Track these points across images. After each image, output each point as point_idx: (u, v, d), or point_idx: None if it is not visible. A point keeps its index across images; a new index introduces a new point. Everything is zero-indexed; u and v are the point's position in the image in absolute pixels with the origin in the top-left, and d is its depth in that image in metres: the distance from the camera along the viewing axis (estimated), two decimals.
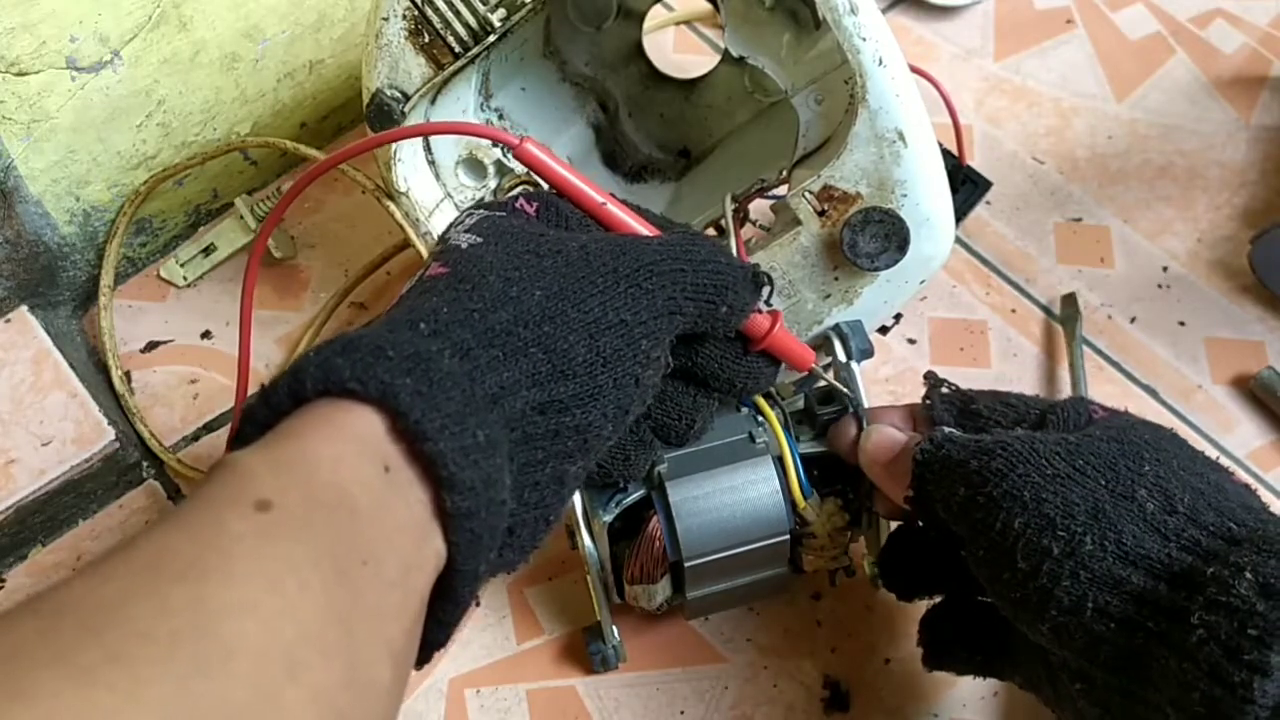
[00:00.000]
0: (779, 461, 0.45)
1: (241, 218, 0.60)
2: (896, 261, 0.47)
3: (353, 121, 0.68)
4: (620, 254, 0.36)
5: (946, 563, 0.42)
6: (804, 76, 0.50)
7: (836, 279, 0.48)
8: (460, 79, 0.51)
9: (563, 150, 0.58)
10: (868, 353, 0.48)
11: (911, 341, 0.60)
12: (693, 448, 0.45)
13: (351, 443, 0.29)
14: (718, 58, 0.61)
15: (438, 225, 0.52)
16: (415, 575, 0.29)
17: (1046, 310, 0.61)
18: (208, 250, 0.61)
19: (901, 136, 0.45)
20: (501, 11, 0.46)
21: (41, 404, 0.56)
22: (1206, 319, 0.61)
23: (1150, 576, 0.34)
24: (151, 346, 0.60)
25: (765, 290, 0.41)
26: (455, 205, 0.54)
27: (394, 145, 0.50)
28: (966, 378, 0.59)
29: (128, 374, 0.59)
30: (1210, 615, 0.31)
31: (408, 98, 0.48)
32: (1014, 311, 0.61)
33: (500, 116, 0.55)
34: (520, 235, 0.37)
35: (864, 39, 0.44)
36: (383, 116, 0.48)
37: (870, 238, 0.46)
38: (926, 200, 0.46)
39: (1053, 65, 0.70)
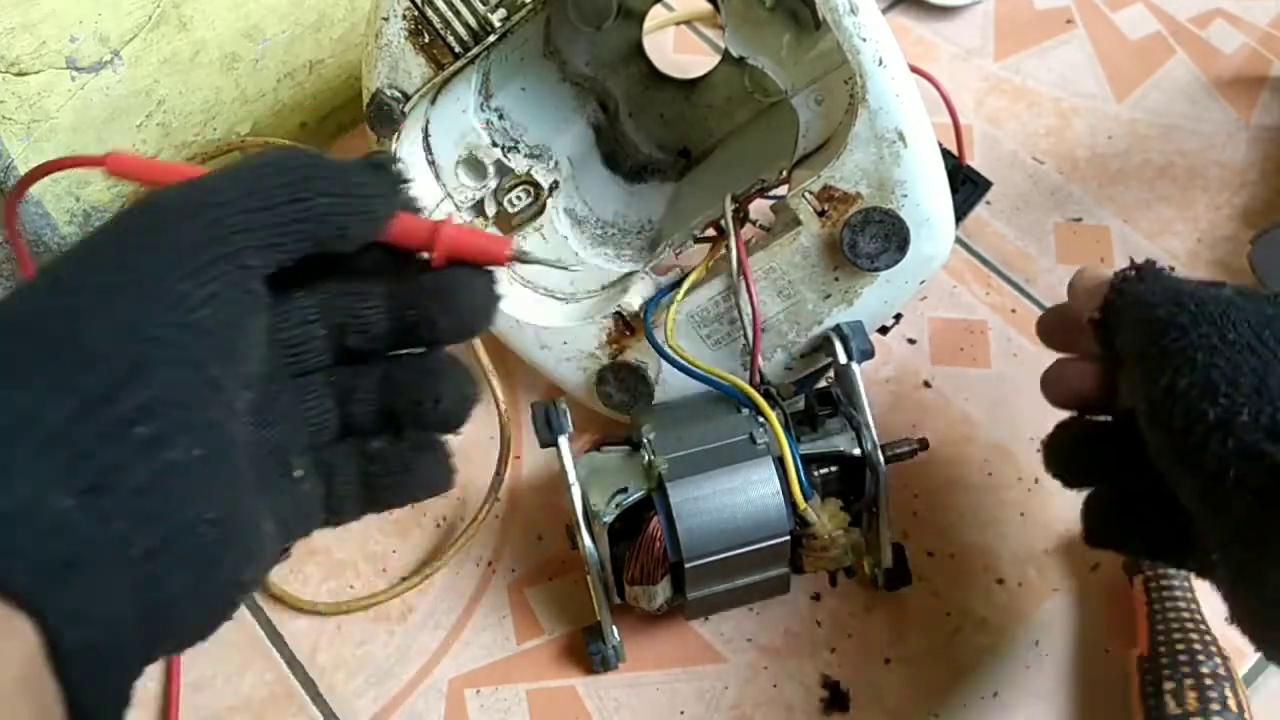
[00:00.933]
0: (779, 462, 0.45)
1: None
2: (897, 262, 0.47)
3: (353, 121, 0.68)
4: (149, 201, 0.30)
5: (1115, 452, 0.41)
6: (804, 77, 0.50)
7: (837, 279, 0.48)
8: (460, 79, 0.51)
9: (563, 150, 0.58)
10: (868, 354, 0.48)
11: (911, 341, 0.60)
12: (693, 448, 0.45)
13: None
14: (718, 58, 0.61)
15: None
16: None
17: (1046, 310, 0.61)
18: None
19: (901, 136, 0.45)
20: (501, 11, 0.46)
21: None
22: None
23: None
24: None
25: (393, 174, 0.32)
26: (455, 205, 0.54)
27: (394, 145, 0.50)
28: (966, 378, 0.59)
29: None
30: None
31: (408, 98, 0.48)
32: (1014, 311, 0.61)
33: (500, 116, 0.55)
34: None
35: (864, 39, 0.44)
36: (383, 117, 0.48)
37: (870, 238, 0.46)
38: (927, 200, 0.46)
39: (1053, 65, 0.70)
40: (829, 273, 0.48)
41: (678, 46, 0.72)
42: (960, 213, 0.59)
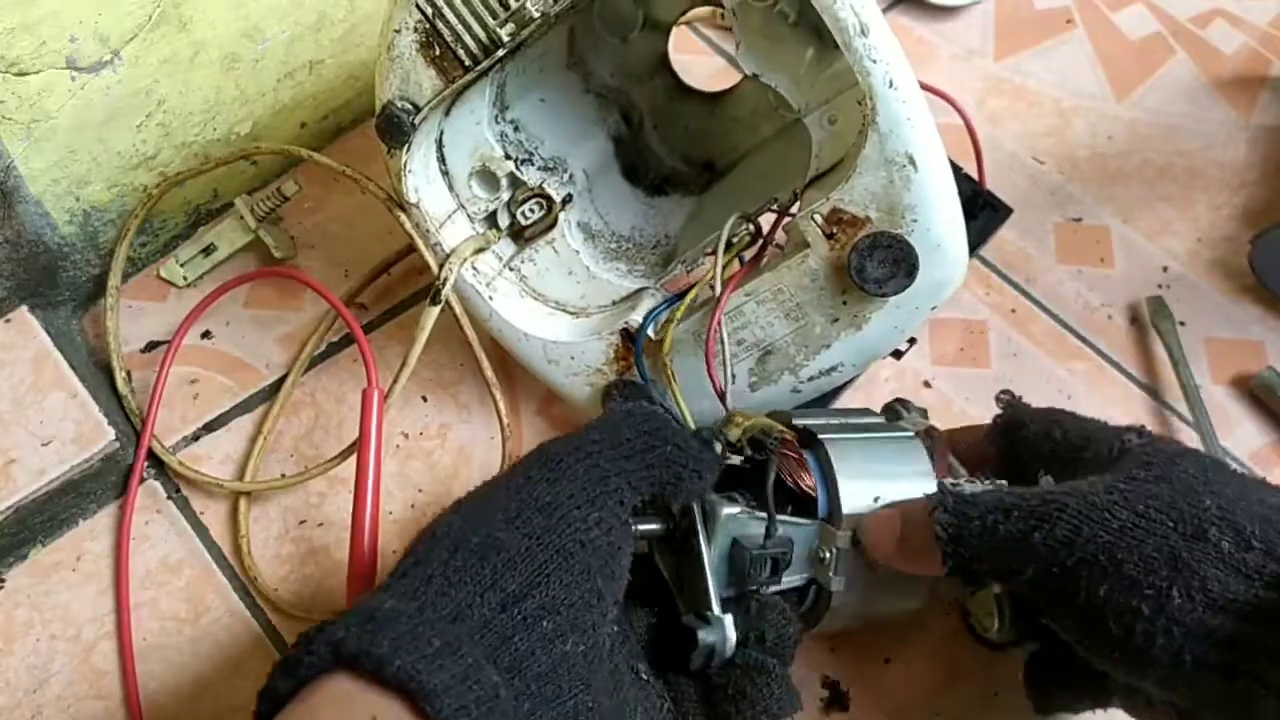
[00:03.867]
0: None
1: (242, 218, 0.60)
2: (905, 288, 0.46)
3: (353, 122, 0.68)
4: (543, 450, 0.39)
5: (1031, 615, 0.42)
6: (817, 96, 0.50)
7: (845, 303, 0.48)
8: (474, 91, 0.51)
9: (580, 163, 0.57)
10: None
11: (911, 341, 0.60)
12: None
13: (330, 706, 0.31)
14: (715, 56, 0.61)
15: (448, 236, 0.52)
16: None
17: (1047, 310, 0.61)
18: (208, 250, 0.61)
19: (912, 160, 0.44)
20: (510, 26, 0.46)
21: (41, 404, 0.56)
22: (1206, 319, 0.61)
23: (1240, 619, 0.34)
24: (151, 346, 0.60)
25: (715, 453, 0.42)
26: (468, 216, 0.53)
27: (404, 156, 0.50)
28: (966, 378, 0.59)
29: (128, 374, 0.59)
30: None
31: (418, 109, 0.48)
32: (1014, 311, 0.61)
33: (516, 128, 0.55)
34: None
35: (874, 60, 0.43)
36: (394, 128, 0.48)
37: (878, 263, 0.45)
38: (937, 226, 0.46)
39: (1053, 65, 0.70)
40: (837, 296, 0.47)
41: (677, 47, 0.72)
42: (977, 240, 0.57)
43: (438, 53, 0.47)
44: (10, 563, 0.54)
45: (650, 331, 0.51)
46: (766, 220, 0.51)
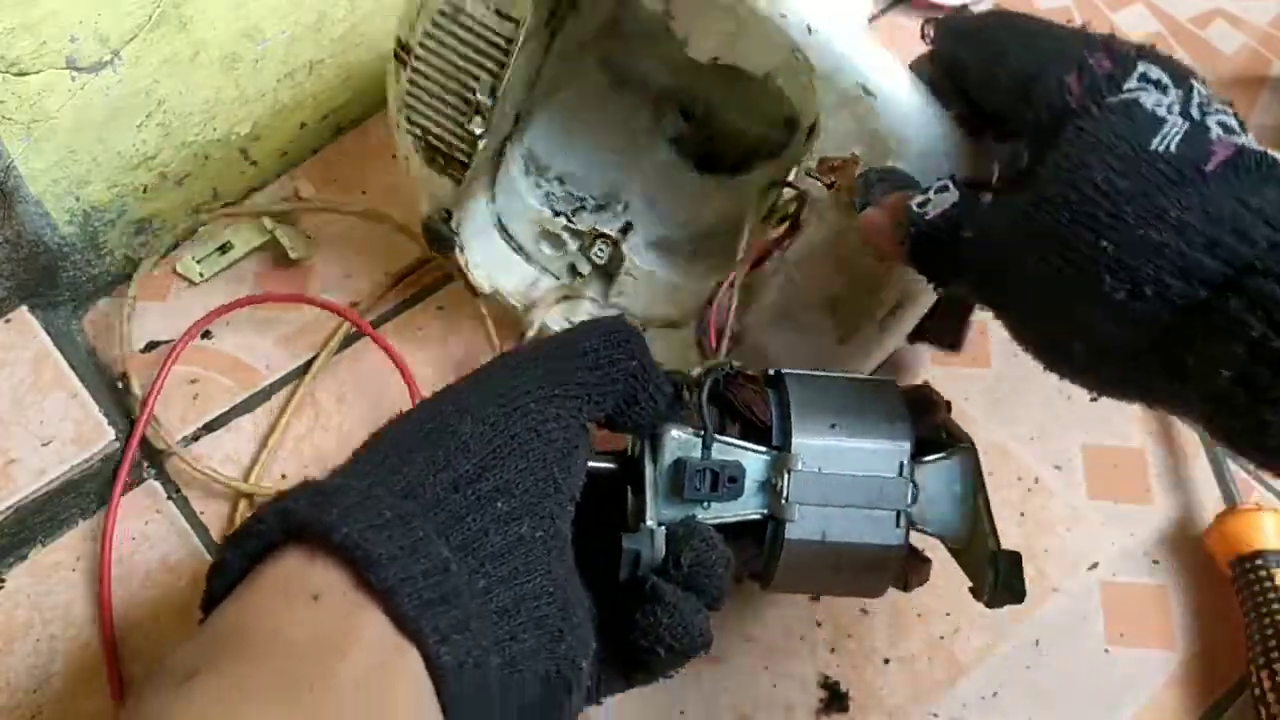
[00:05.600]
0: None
1: (258, 217, 0.60)
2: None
3: (353, 121, 0.68)
4: (504, 353, 0.39)
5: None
6: (767, 61, 0.49)
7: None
8: (505, 168, 0.54)
9: (635, 186, 0.57)
10: (1020, 595, 0.40)
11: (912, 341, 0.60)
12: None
13: (273, 585, 0.30)
14: None
15: (539, 303, 0.55)
16: (380, 679, 0.29)
17: None
18: (224, 248, 0.61)
19: (866, 90, 0.43)
20: (478, 119, 0.48)
21: (41, 404, 0.56)
22: None
23: (1137, 357, 0.33)
24: (151, 346, 0.60)
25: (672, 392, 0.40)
26: (553, 275, 0.56)
27: (461, 257, 0.53)
28: (966, 378, 0.59)
29: (127, 374, 0.59)
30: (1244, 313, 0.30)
31: (450, 214, 0.53)
32: None
33: (561, 182, 0.56)
34: None
35: (784, 15, 0.42)
36: (438, 240, 0.53)
37: (882, 195, 0.43)
38: (919, 139, 0.43)
39: None
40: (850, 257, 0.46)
41: None
42: None
43: (442, 162, 0.51)
44: (10, 563, 0.54)
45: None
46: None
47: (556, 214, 0.56)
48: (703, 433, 0.40)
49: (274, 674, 0.28)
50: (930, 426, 0.43)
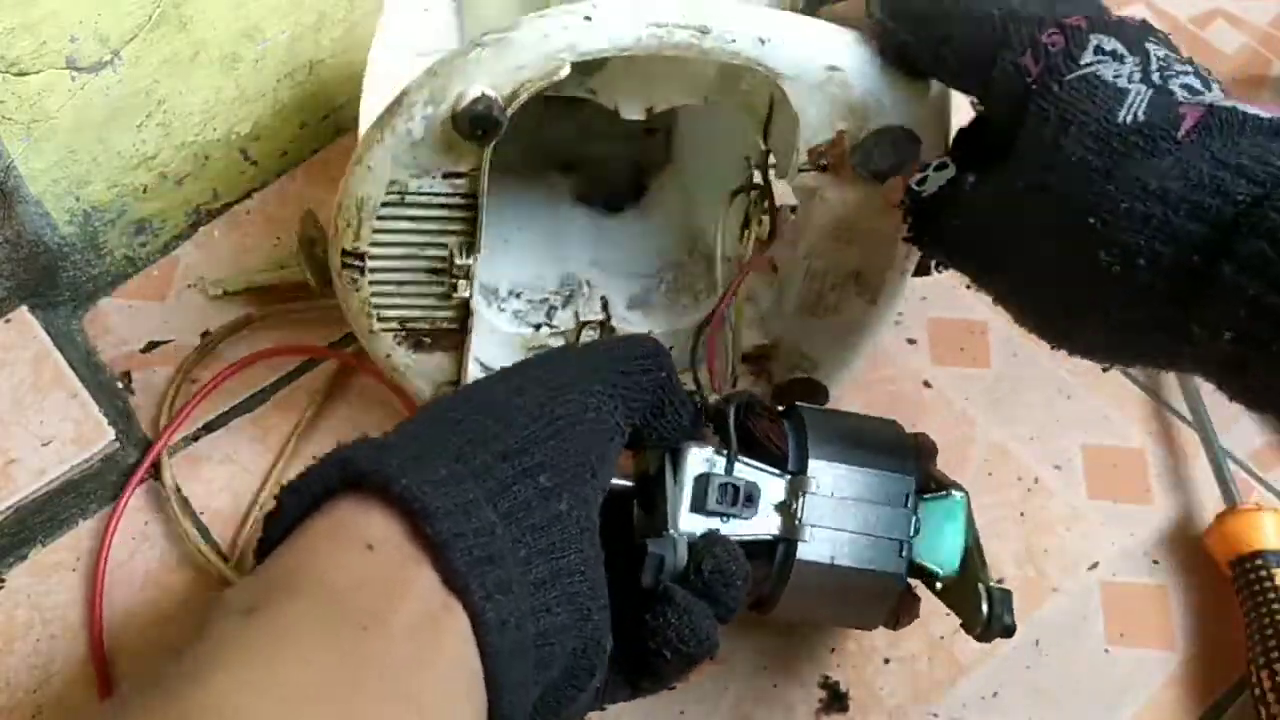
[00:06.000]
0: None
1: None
2: (916, 155, 0.43)
3: (353, 121, 0.68)
4: (547, 350, 0.41)
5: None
6: (716, 92, 0.48)
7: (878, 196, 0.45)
8: (479, 318, 0.51)
9: (579, 261, 0.57)
10: (1009, 630, 0.42)
11: (911, 342, 0.60)
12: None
13: (330, 531, 0.31)
14: None
15: None
16: (429, 630, 0.30)
17: None
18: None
19: (834, 68, 0.42)
20: (463, 283, 0.46)
21: (41, 404, 0.56)
22: None
23: (1139, 333, 0.33)
24: (151, 346, 0.60)
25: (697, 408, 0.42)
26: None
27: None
28: (966, 378, 0.59)
29: (128, 374, 0.59)
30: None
31: (457, 383, 0.51)
32: None
33: (519, 295, 0.56)
34: None
35: (733, 40, 0.41)
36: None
37: (881, 157, 0.44)
38: (904, 102, 0.42)
39: None
40: (870, 201, 0.45)
41: None
42: None
43: (430, 342, 0.49)
44: (10, 563, 0.54)
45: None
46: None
47: (536, 327, 0.54)
48: (725, 451, 0.42)
49: (327, 614, 0.29)
50: (925, 471, 0.45)
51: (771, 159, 0.46)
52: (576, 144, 0.60)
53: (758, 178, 0.46)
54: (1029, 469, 0.56)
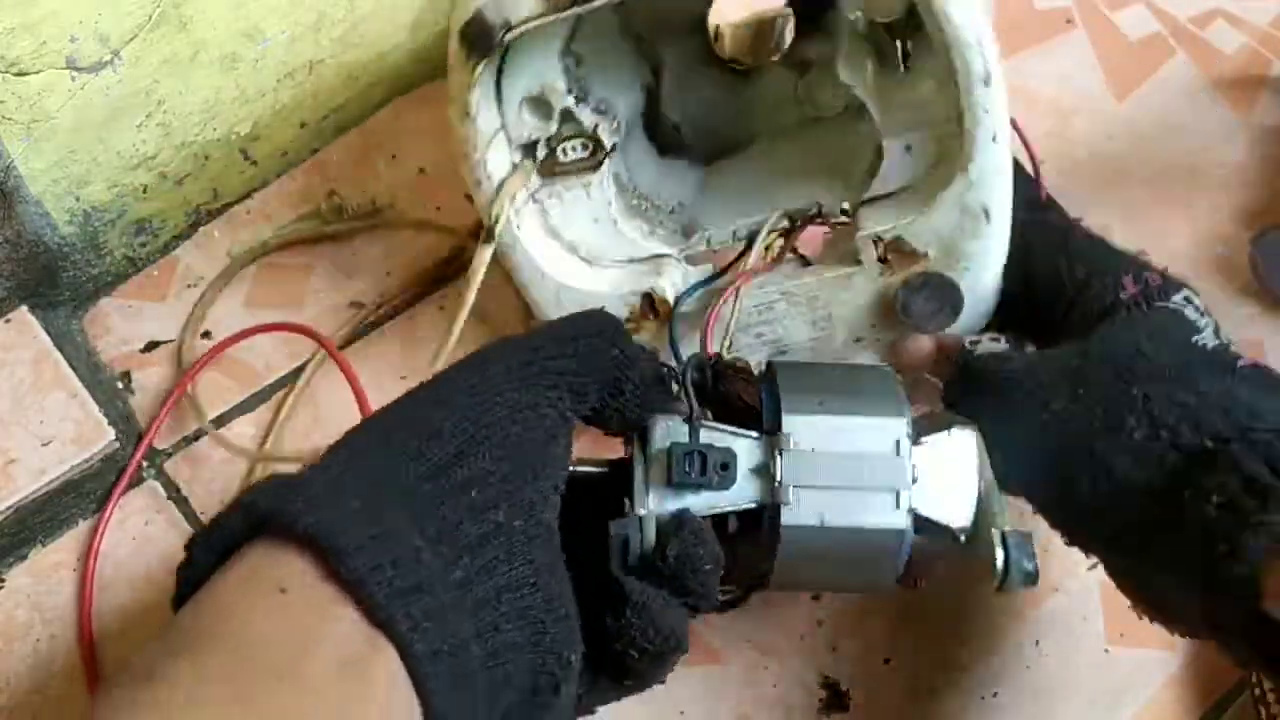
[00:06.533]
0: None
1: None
2: (946, 326, 0.47)
3: (353, 121, 0.68)
4: (478, 349, 0.38)
5: None
6: (901, 121, 0.49)
7: (873, 327, 0.48)
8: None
9: (623, 112, 0.55)
10: (1032, 577, 0.37)
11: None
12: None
13: (239, 580, 0.29)
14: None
15: (492, 160, 0.50)
16: (355, 674, 0.28)
17: None
18: None
19: (987, 213, 0.45)
20: None
21: (41, 404, 0.56)
22: None
23: (1140, 496, 0.39)
24: (151, 346, 0.60)
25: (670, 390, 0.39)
26: (508, 139, 0.51)
27: (479, 71, 0.46)
28: None
29: (127, 374, 0.59)
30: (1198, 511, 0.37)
31: (510, 27, 0.45)
32: None
33: (578, 63, 0.53)
34: None
35: (987, 112, 0.43)
36: (482, 40, 0.45)
37: (925, 299, 0.46)
38: (988, 276, 0.47)
39: (1052, 66, 0.70)
40: (869, 319, 0.48)
41: None
42: None
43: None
44: (10, 563, 0.54)
45: (684, 307, 0.50)
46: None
47: (569, 91, 0.51)
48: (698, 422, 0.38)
49: (238, 670, 0.27)
50: (918, 401, 0.42)
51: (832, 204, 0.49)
52: (673, 92, 0.59)
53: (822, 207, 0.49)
54: None
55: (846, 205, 0.50)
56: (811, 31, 0.51)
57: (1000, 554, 0.37)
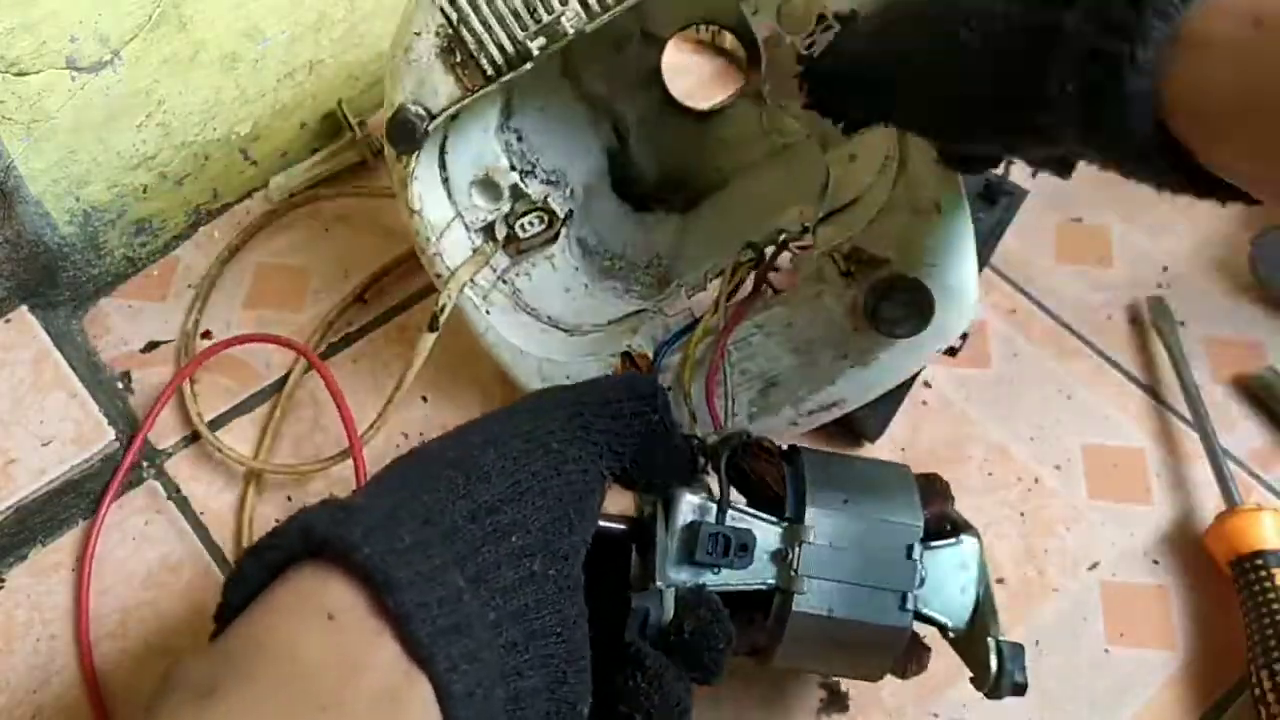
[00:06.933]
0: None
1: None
2: (919, 330, 0.46)
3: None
4: (532, 394, 0.40)
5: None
6: (837, 133, 0.49)
7: (854, 340, 0.48)
8: (485, 97, 0.48)
9: (578, 177, 0.56)
10: (1021, 688, 0.40)
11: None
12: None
13: (291, 602, 0.30)
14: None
15: (447, 246, 0.51)
16: (389, 705, 0.29)
17: (1047, 310, 0.61)
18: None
19: (937, 206, 0.44)
20: (541, 40, 0.44)
21: (41, 404, 0.56)
22: (1206, 319, 0.61)
23: (1004, 38, 0.35)
24: (151, 346, 0.60)
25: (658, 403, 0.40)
26: (464, 225, 0.52)
27: (413, 163, 0.48)
28: (966, 378, 0.59)
29: (127, 374, 0.59)
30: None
31: (432, 116, 0.46)
32: (1014, 311, 0.61)
33: (519, 138, 0.54)
34: None
35: None
36: (405, 134, 0.47)
37: (894, 305, 0.46)
38: (954, 270, 0.46)
39: None
40: (847, 333, 0.47)
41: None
42: (1000, 226, 0.57)
43: (459, 59, 0.45)
44: (10, 563, 0.54)
45: (665, 359, 0.51)
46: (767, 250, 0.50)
47: (513, 167, 0.52)
48: (717, 499, 0.40)
49: (290, 694, 0.28)
50: (937, 515, 0.43)
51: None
52: (642, 145, 0.60)
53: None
54: (1029, 469, 0.56)
55: (806, 225, 0.50)
56: (758, 60, 0.51)
57: (995, 662, 0.40)
